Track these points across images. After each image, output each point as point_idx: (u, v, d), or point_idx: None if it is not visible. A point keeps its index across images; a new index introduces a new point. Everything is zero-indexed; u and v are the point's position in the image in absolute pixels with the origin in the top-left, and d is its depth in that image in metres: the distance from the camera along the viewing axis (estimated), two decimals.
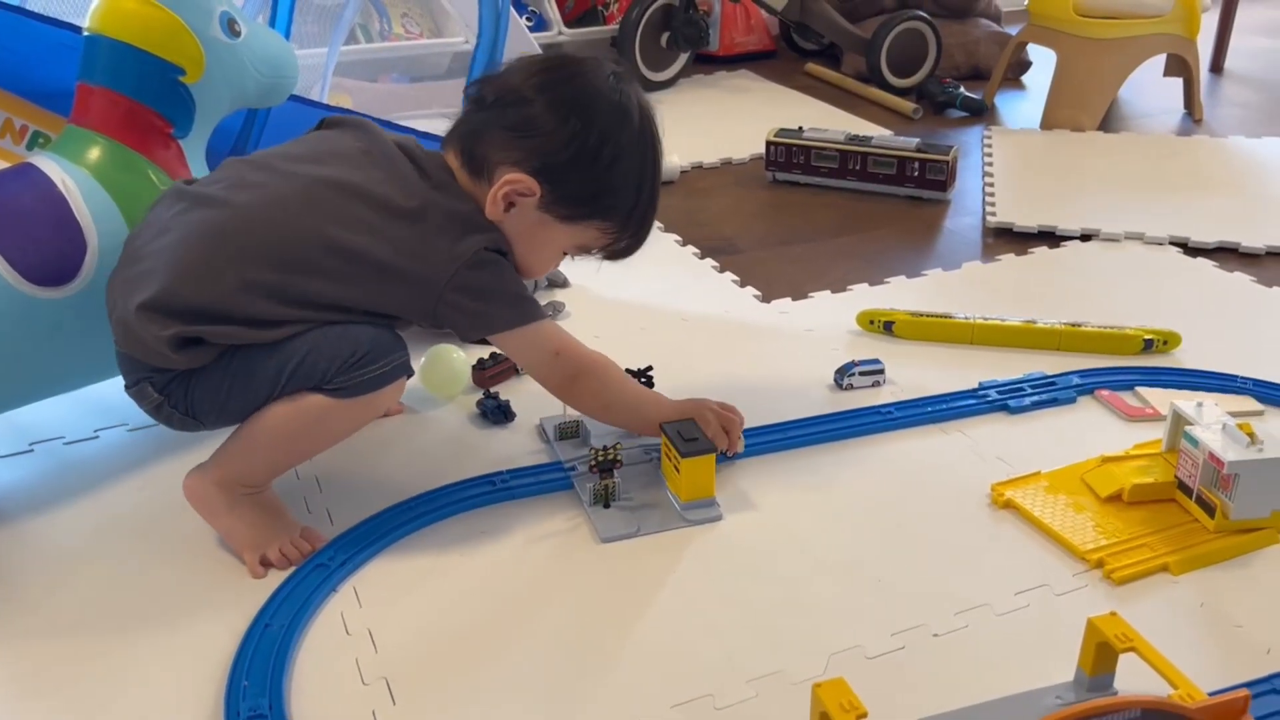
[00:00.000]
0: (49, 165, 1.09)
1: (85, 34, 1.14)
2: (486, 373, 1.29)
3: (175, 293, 0.93)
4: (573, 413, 1.19)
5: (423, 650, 0.90)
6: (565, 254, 1.09)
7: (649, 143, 1.05)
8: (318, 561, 0.99)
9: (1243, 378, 1.29)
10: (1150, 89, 2.58)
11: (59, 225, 1.05)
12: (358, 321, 0.97)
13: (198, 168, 1.18)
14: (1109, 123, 2.37)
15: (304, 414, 0.96)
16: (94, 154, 1.11)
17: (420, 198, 0.99)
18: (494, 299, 1.00)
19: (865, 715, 0.72)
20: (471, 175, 1.02)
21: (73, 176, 1.08)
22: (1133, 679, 0.81)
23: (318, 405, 0.96)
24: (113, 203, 1.09)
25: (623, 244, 1.08)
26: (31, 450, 1.17)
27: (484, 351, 1.32)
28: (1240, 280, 1.61)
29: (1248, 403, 1.25)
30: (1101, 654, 0.80)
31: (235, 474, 0.99)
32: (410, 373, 1.01)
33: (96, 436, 1.18)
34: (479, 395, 1.26)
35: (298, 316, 0.95)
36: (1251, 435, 1.01)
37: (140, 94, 1.13)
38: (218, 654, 0.89)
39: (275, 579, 0.97)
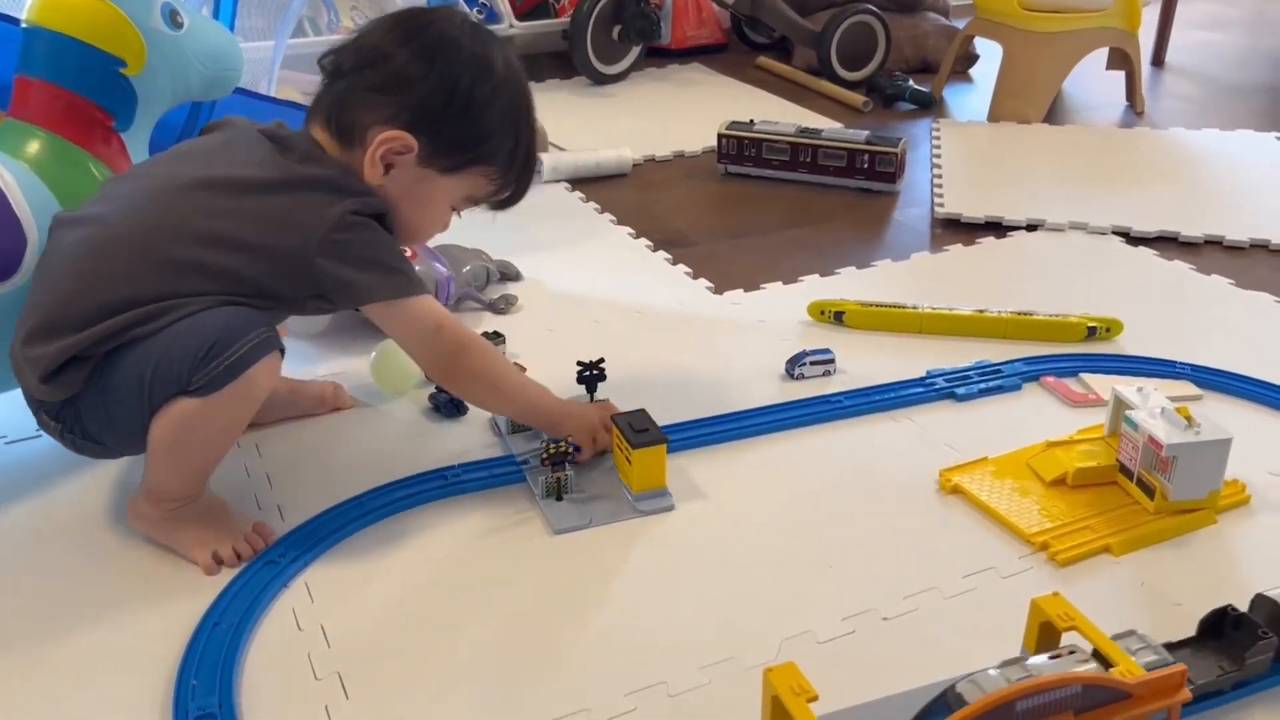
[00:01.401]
0: None
1: (24, 26, 1.12)
2: None
3: (55, 315, 0.93)
4: None
5: (376, 644, 0.90)
6: (454, 210, 1.08)
7: (517, 82, 1.04)
8: (268, 558, 0.98)
9: (1182, 363, 1.32)
10: (1093, 82, 2.62)
11: None
12: (211, 309, 0.92)
13: (140, 161, 1.16)
14: (1054, 115, 2.41)
15: (178, 423, 0.92)
16: (33, 148, 1.09)
17: (282, 171, 0.97)
18: (366, 267, 0.97)
19: (816, 698, 0.73)
20: (343, 145, 1.00)
21: (11, 171, 1.06)
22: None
23: (188, 410, 0.92)
24: (53, 197, 1.07)
25: (509, 190, 1.08)
26: None
27: None
28: (1180, 268, 1.64)
29: (1187, 387, 1.28)
30: (1045, 633, 0.82)
31: (158, 490, 0.98)
32: (280, 348, 0.96)
33: (39, 436, 1.16)
34: (431, 389, 1.25)
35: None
36: (1189, 419, 1.04)
37: (80, 86, 1.12)
38: (166, 654, 0.88)
39: (225, 577, 0.96)
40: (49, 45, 1.12)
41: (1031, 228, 1.79)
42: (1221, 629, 0.84)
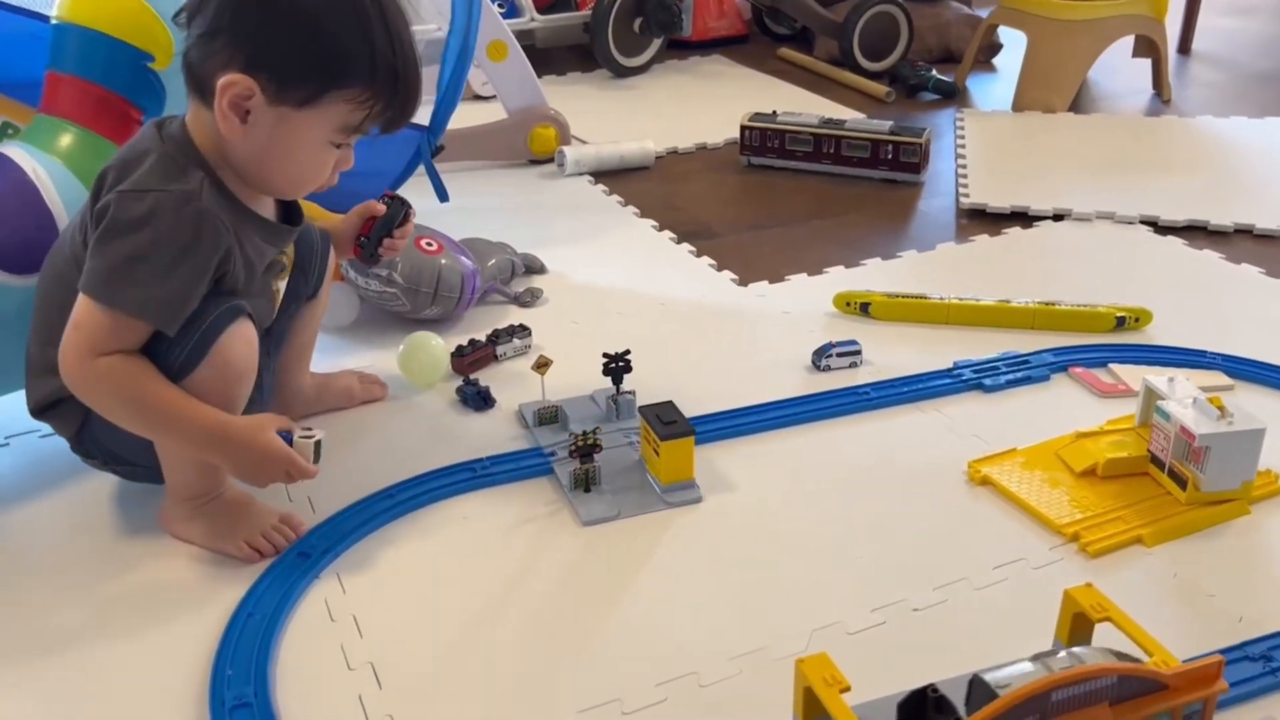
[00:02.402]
0: (19, 155, 1.08)
1: (54, 22, 1.13)
2: (465, 359, 1.28)
3: (34, 351, 0.98)
4: (552, 398, 1.20)
5: (407, 635, 0.91)
6: (336, 146, 0.95)
7: None
8: (300, 549, 0.99)
9: (1212, 353, 1.31)
10: (1119, 70, 2.60)
11: (31, 213, 1.05)
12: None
13: None
14: (1079, 104, 2.39)
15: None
16: (65, 142, 1.10)
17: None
18: (91, 251, 0.90)
19: (848, 688, 0.73)
20: (205, 104, 0.91)
21: (44, 165, 1.07)
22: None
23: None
24: (84, 190, 1.08)
25: (388, 109, 0.94)
26: (7, 444, 1.16)
27: (462, 338, 1.32)
28: (1209, 257, 1.63)
29: (1218, 377, 1.27)
30: (1078, 624, 0.81)
31: (178, 488, 0.99)
32: (248, 314, 0.95)
33: None
34: (459, 382, 1.25)
35: None
36: (1222, 409, 1.03)
37: (110, 81, 1.13)
38: (202, 644, 0.89)
39: (258, 569, 0.97)
40: (78, 41, 1.12)
41: (1058, 217, 1.77)
42: (923, 711, 0.73)
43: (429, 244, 1.38)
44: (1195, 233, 1.71)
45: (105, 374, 0.90)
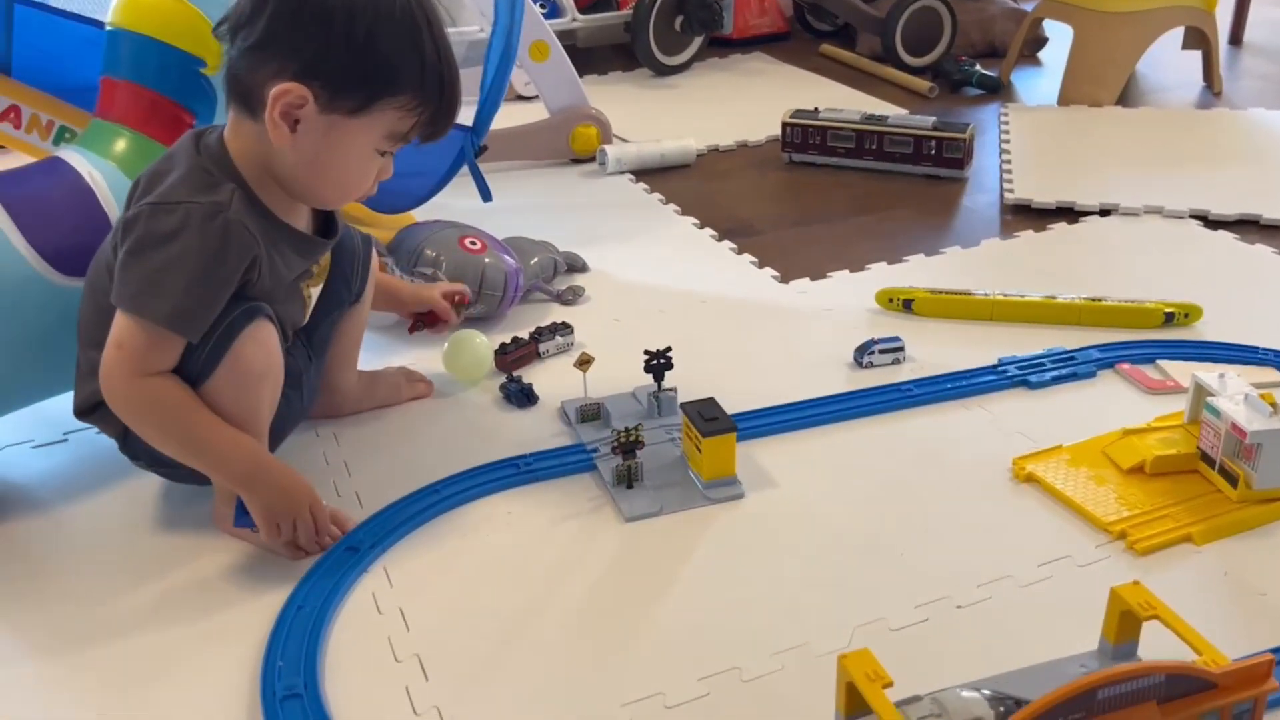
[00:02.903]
0: (75, 158, 1.11)
1: (108, 28, 1.16)
2: (508, 357, 1.30)
3: (79, 355, 1.01)
4: (594, 395, 1.21)
5: (453, 628, 0.92)
6: (382, 154, 0.97)
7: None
8: (348, 544, 1.00)
9: (1264, 349, 1.29)
10: (1168, 62, 2.56)
11: (86, 217, 1.07)
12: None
13: None
14: (1127, 97, 2.35)
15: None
16: (119, 146, 1.13)
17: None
18: (120, 267, 0.92)
19: (891, 684, 0.73)
20: (251, 117, 0.93)
21: (99, 169, 1.10)
22: (1157, 649, 0.82)
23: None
24: None
25: (431, 118, 0.97)
26: (65, 440, 1.19)
27: (506, 336, 1.33)
28: (1261, 252, 1.60)
29: (1269, 373, 1.24)
30: (1125, 622, 0.81)
31: (224, 486, 1.00)
32: (267, 315, 0.97)
33: None
34: (502, 379, 1.27)
35: None
36: (1274, 405, 1.01)
37: (162, 86, 1.15)
38: (253, 636, 0.90)
39: (307, 562, 0.98)
40: (132, 47, 1.15)
41: (1105, 212, 1.75)
42: None
43: (473, 243, 1.39)
44: (1247, 227, 1.68)
45: (151, 401, 0.93)
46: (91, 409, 1.02)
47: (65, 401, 1.10)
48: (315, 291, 1.09)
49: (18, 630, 0.94)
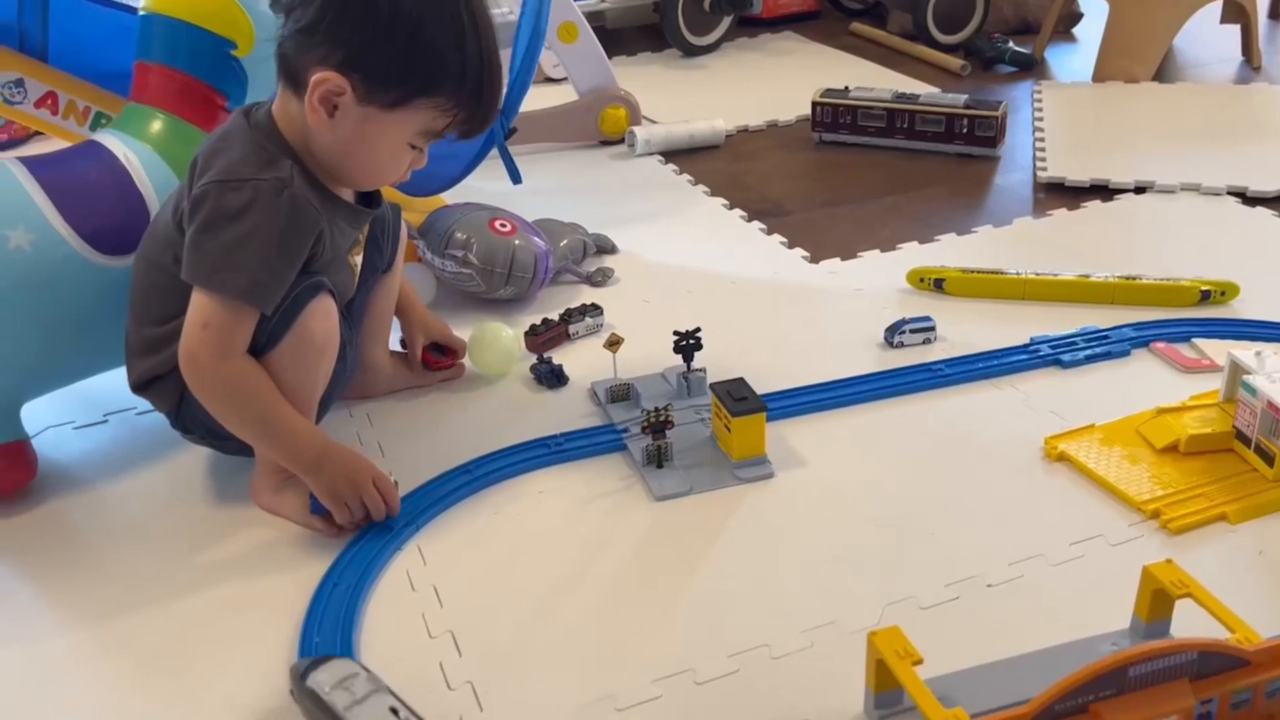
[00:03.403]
0: (111, 141, 1.12)
1: (141, 14, 1.17)
2: (539, 338, 1.30)
3: (131, 333, 1.03)
4: (624, 375, 1.21)
5: (486, 604, 0.93)
6: (414, 148, 0.99)
7: None
8: (384, 523, 1.01)
9: None
10: (1206, 37, 2.51)
11: (123, 197, 1.09)
12: None
13: None
14: (1164, 73, 2.31)
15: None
16: (153, 128, 1.14)
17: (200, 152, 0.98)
18: (190, 245, 0.93)
19: (921, 661, 0.73)
20: (295, 94, 0.95)
21: (134, 151, 1.11)
22: (1190, 629, 0.81)
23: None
24: (172, 174, 1.12)
25: (470, 118, 0.98)
26: (106, 420, 1.21)
27: (536, 317, 1.34)
28: None
29: None
30: (1157, 601, 0.80)
31: (267, 462, 1.03)
32: (329, 289, 0.99)
33: None
34: (532, 360, 1.27)
35: None
36: None
37: (194, 69, 1.16)
38: (290, 612, 0.92)
39: (343, 540, 1.00)
40: (164, 30, 1.16)
41: (1140, 190, 1.73)
42: None
43: (503, 225, 1.40)
44: None
45: (235, 385, 0.95)
46: (147, 384, 1.03)
47: (104, 383, 1.13)
48: (358, 260, 1.11)
49: (64, 603, 0.96)
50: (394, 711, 0.76)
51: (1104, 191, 1.73)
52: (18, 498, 1.08)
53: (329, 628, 0.89)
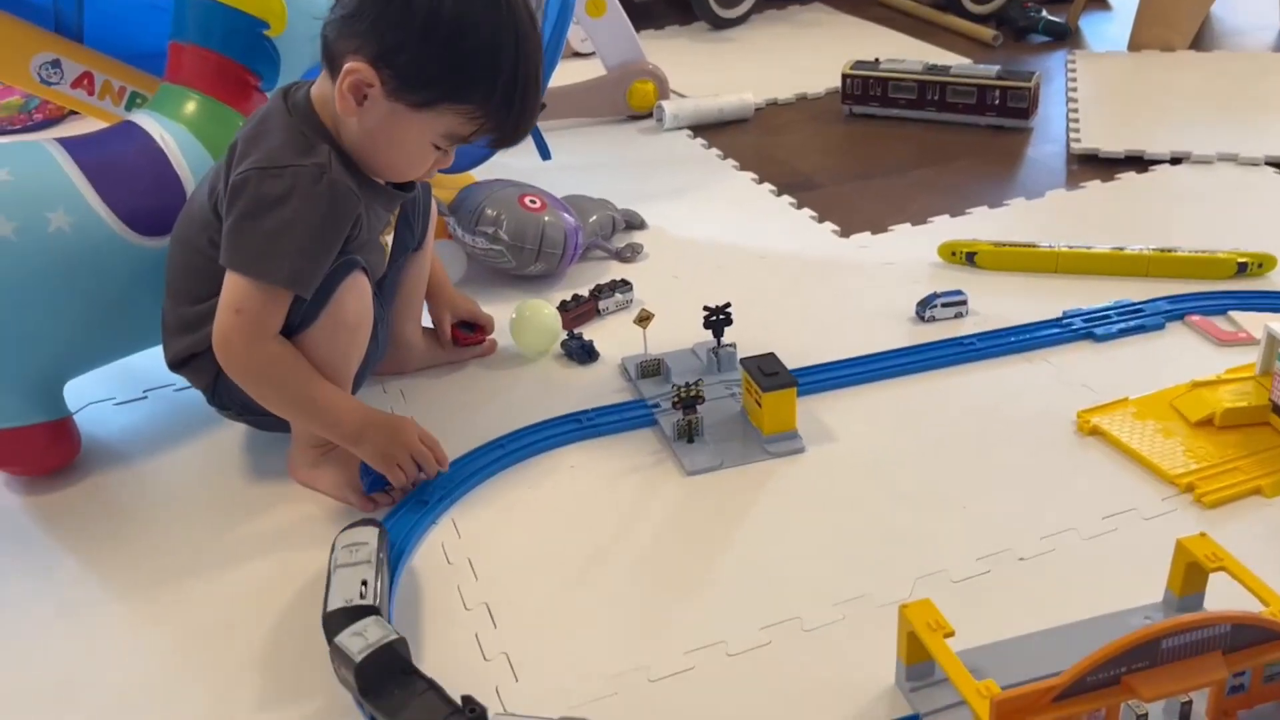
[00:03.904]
0: (147, 122, 1.13)
1: None
2: (569, 314, 1.31)
3: (169, 311, 1.04)
4: (654, 351, 1.21)
5: (520, 577, 0.94)
6: (438, 148, 0.98)
7: (503, 14, 0.92)
8: (418, 497, 1.03)
9: None
10: (1244, 3, 2.47)
11: (159, 177, 1.10)
12: None
13: None
14: (1201, 41, 2.28)
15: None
16: (188, 109, 1.15)
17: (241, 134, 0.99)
18: (229, 232, 0.94)
19: (952, 634, 0.73)
20: (333, 80, 0.95)
21: (170, 131, 1.13)
22: (1224, 603, 0.81)
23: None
24: (207, 154, 1.13)
25: (499, 130, 0.98)
26: (145, 397, 1.23)
27: (566, 293, 1.34)
28: None
29: None
30: (1191, 574, 0.80)
31: (303, 436, 1.04)
32: (362, 267, 1.00)
33: None
34: (563, 336, 1.28)
35: None
36: None
37: (228, 49, 1.17)
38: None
39: (379, 515, 1.01)
40: (197, 10, 1.17)
41: (1176, 161, 1.71)
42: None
43: (532, 201, 1.40)
44: None
45: (270, 367, 0.96)
46: (183, 362, 1.05)
47: (143, 359, 1.15)
48: (389, 240, 1.12)
49: (107, 575, 0.98)
50: (364, 583, 0.83)
51: (1139, 163, 1.71)
52: (62, 473, 1.10)
53: None
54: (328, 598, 0.84)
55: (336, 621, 0.81)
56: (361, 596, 0.82)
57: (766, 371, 1.08)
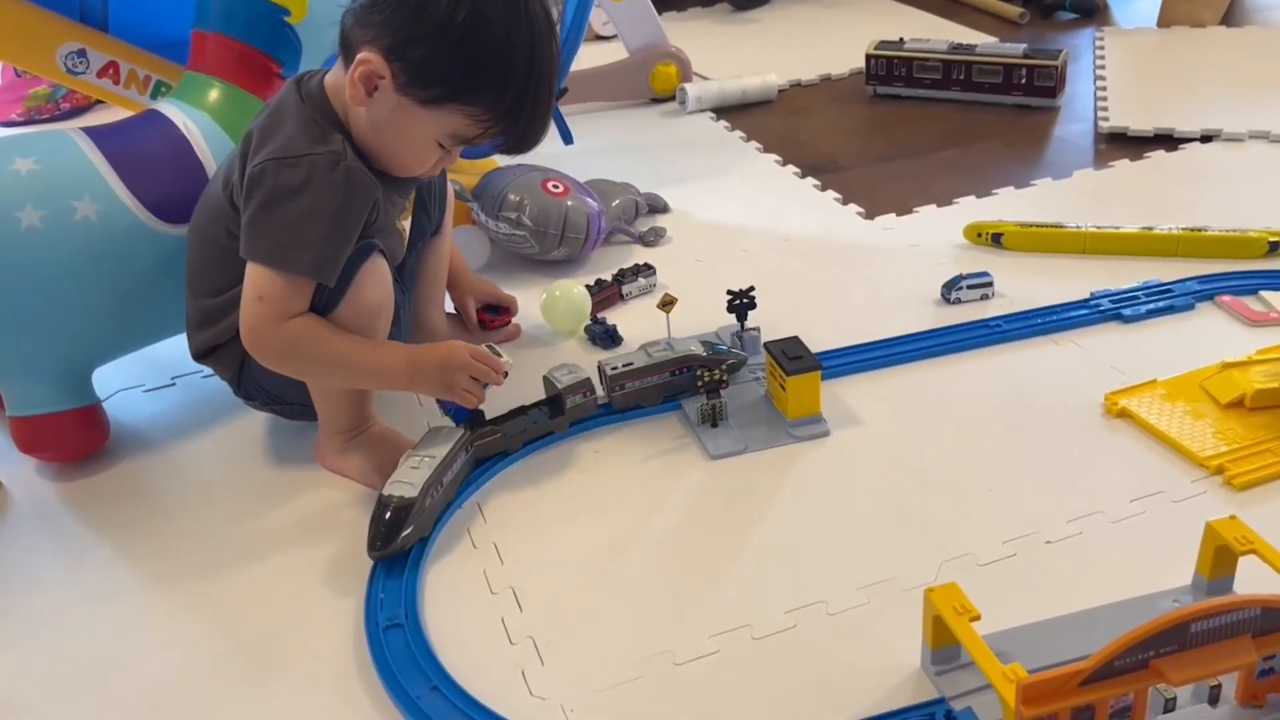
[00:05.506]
0: (171, 110, 1.14)
1: None
2: (593, 299, 1.31)
3: (190, 305, 1.05)
4: (677, 335, 1.21)
5: (545, 561, 0.95)
6: (443, 147, 0.98)
7: (525, 16, 0.92)
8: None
9: None
10: None
11: (183, 165, 1.11)
12: None
13: None
14: (1232, 16, 2.24)
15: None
16: (211, 97, 1.16)
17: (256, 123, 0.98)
18: (248, 223, 0.95)
19: (978, 618, 0.73)
20: (347, 65, 0.95)
21: (193, 119, 1.13)
22: (1253, 586, 0.80)
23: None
24: (231, 142, 1.14)
25: (506, 136, 0.97)
26: (173, 384, 1.24)
27: (589, 278, 1.34)
28: None
29: None
30: (1220, 557, 0.79)
31: (328, 422, 1.05)
32: (381, 250, 1.00)
33: None
34: (587, 320, 1.28)
35: None
36: None
37: (250, 37, 1.18)
38: (355, 570, 0.94)
39: None
40: None
41: (1206, 139, 1.68)
42: None
43: (555, 186, 1.40)
44: None
45: (300, 340, 0.95)
46: (208, 353, 1.06)
47: (172, 347, 1.16)
48: (406, 225, 1.12)
49: (137, 561, 0.99)
50: (415, 468, 0.96)
51: (1168, 141, 1.69)
52: (92, 459, 1.12)
53: (394, 584, 0.91)
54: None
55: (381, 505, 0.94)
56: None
57: (791, 355, 1.08)
